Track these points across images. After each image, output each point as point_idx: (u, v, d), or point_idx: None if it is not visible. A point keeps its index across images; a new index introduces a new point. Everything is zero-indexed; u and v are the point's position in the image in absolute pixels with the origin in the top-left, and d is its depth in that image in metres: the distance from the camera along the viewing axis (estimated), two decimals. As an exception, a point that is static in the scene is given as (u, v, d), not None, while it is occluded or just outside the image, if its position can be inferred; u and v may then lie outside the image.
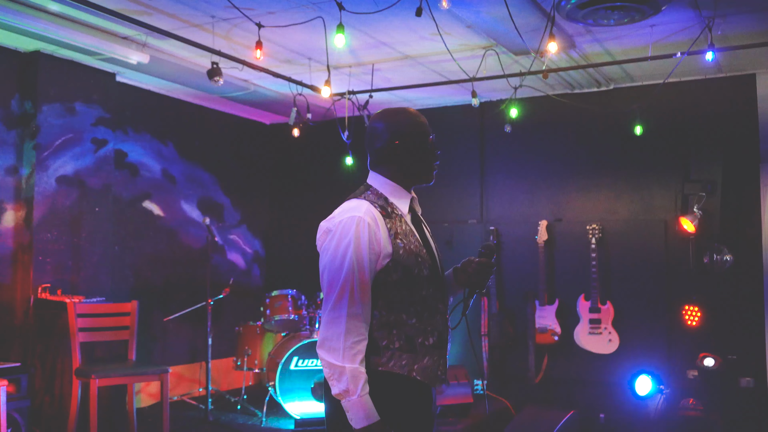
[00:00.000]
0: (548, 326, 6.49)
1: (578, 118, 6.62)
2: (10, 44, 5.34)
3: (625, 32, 5.13)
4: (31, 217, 5.37)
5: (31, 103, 5.43)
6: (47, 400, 5.12)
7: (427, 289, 2.36)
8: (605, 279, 6.40)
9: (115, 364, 5.15)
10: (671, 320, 6.20)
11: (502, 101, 6.58)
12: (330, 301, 2.26)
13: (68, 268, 5.57)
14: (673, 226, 6.19)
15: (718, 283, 6.02)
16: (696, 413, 5.37)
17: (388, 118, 2.46)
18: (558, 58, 5.61)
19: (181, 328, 6.79)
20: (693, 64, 5.68)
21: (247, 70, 5.66)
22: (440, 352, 2.40)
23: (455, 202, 7.22)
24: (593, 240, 6.33)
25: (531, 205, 6.91)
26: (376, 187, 2.44)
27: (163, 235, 6.85)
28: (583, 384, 6.43)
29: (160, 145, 6.85)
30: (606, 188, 6.61)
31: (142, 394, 6.39)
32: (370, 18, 4.70)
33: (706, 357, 5.72)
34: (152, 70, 5.74)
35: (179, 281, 6.94)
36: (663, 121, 6.31)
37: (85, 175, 5.73)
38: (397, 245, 2.31)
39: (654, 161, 6.40)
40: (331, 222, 2.34)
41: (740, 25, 5.00)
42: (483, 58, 5.57)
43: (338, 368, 2.21)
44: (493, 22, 4.80)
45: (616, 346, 6.23)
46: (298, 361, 5.79)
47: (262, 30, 4.81)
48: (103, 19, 4.87)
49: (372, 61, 5.89)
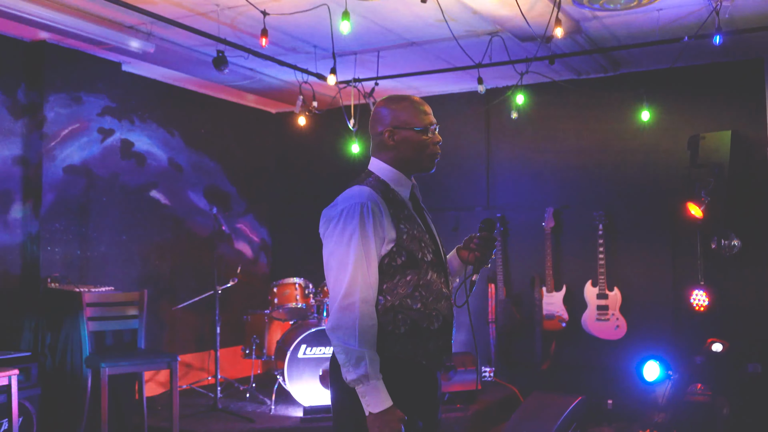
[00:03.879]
0: (555, 312, 6.49)
1: (585, 103, 6.59)
2: (16, 34, 5.35)
3: (631, 16, 5.10)
4: (38, 207, 5.39)
5: (38, 93, 5.44)
6: (58, 389, 5.16)
7: (431, 274, 2.37)
8: (612, 265, 6.39)
9: (124, 353, 5.18)
10: (678, 306, 6.19)
11: (508, 88, 6.55)
12: (341, 289, 2.26)
13: (76, 257, 5.59)
14: (681, 211, 6.16)
15: (726, 268, 6.00)
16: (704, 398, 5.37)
17: (390, 105, 2.47)
18: (564, 44, 5.58)
19: (189, 316, 6.82)
20: (700, 48, 5.64)
21: (252, 58, 5.65)
22: (445, 336, 2.41)
23: (461, 189, 7.22)
24: (600, 226, 6.32)
25: (538, 191, 6.89)
26: (377, 173, 2.45)
27: (170, 224, 6.86)
28: (591, 370, 6.44)
29: (167, 135, 6.85)
30: (613, 174, 6.59)
31: (152, 382, 6.43)
32: (375, 4, 4.69)
33: (714, 342, 5.71)
34: (158, 59, 5.74)
35: (187, 270, 6.96)
36: (670, 105, 6.28)
37: (92, 165, 5.74)
38: (401, 230, 2.32)
39: (661, 146, 6.37)
40: (335, 209, 2.34)
41: (748, 8, 4.96)
42: (489, 44, 5.55)
43: (356, 354, 2.21)
44: (499, 8, 4.77)
45: (623, 332, 6.23)
46: (306, 349, 5.80)
47: (267, 18, 4.80)
48: (108, 8, 4.87)
49: (377, 48, 5.87)
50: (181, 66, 6.01)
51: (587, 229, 6.46)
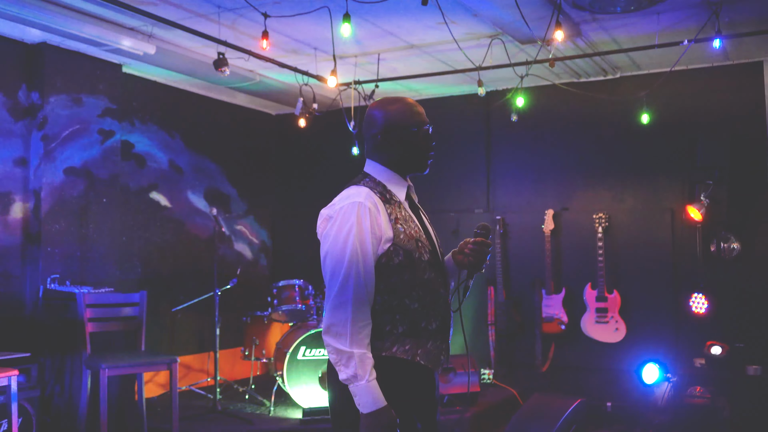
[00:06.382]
0: (555, 315, 6.49)
1: (585, 106, 6.60)
2: (17, 35, 5.35)
3: (631, 20, 5.11)
4: (39, 208, 5.39)
5: (38, 94, 5.44)
6: (57, 390, 5.16)
7: (428, 274, 2.38)
8: (612, 268, 6.40)
9: (124, 354, 5.18)
10: (678, 308, 6.20)
11: (509, 90, 6.56)
12: (334, 287, 2.27)
13: (76, 258, 5.60)
14: (680, 214, 6.17)
15: (726, 271, 6.01)
16: (703, 401, 5.37)
17: (384, 107, 2.48)
18: (564, 47, 5.59)
19: (188, 318, 6.82)
20: (700, 52, 5.65)
21: (253, 60, 5.65)
22: (443, 336, 2.42)
23: (462, 191, 7.22)
24: (600, 229, 6.32)
25: (537, 194, 6.90)
26: (373, 174, 2.46)
27: (171, 226, 6.87)
28: (590, 372, 6.44)
29: (167, 136, 6.86)
30: (612, 177, 6.60)
31: (151, 383, 6.43)
32: (376, 7, 4.70)
33: (713, 345, 5.71)
34: (158, 60, 5.74)
35: (186, 271, 6.96)
36: (670, 109, 6.29)
37: (92, 166, 5.74)
38: (398, 230, 2.33)
39: (661, 149, 6.38)
40: (332, 209, 2.35)
41: (747, 11, 4.97)
42: (489, 47, 5.56)
43: (346, 354, 2.22)
44: (500, 11, 4.78)
45: (623, 334, 6.24)
46: (305, 350, 5.80)
47: (268, 20, 4.81)
48: (109, 10, 4.88)
49: (378, 51, 5.88)
50: (181, 68, 6.02)
51: (587, 232, 6.47)
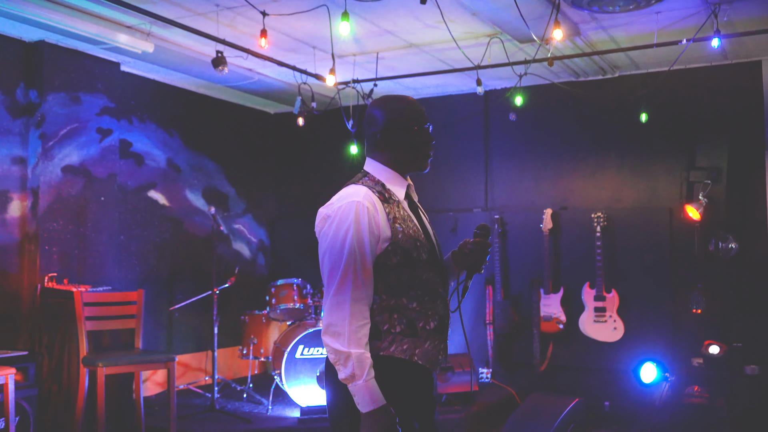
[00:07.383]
0: (553, 314, 6.49)
1: (583, 106, 6.61)
2: (15, 34, 5.34)
3: (630, 19, 5.10)
4: (36, 207, 5.38)
5: (36, 93, 5.44)
6: (55, 389, 5.15)
7: (427, 273, 2.37)
8: (610, 267, 6.40)
9: (121, 352, 5.17)
10: (676, 308, 6.20)
11: (507, 89, 6.56)
12: (332, 286, 2.27)
13: (74, 257, 5.59)
14: (679, 213, 6.17)
15: (724, 270, 6.01)
16: (701, 401, 5.37)
17: (383, 105, 2.48)
18: (563, 46, 5.59)
19: (186, 317, 6.82)
20: (699, 51, 5.65)
21: (251, 59, 5.65)
22: (441, 336, 2.42)
23: (460, 190, 7.22)
24: (598, 228, 6.32)
25: (536, 193, 6.90)
26: (373, 173, 2.46)
27: (169, 224, 6.86)
28: (588, 372, 6.44)
29: (165, 135, 6.85)
30: (611, 176, 6.60)
31: (149, 382, 6.42)
32: (374, 6, 4.69)
33: (711, 344, 5.72)
34: (157, 59, 5.74)
35: (185, 270, 6.96)
36: (668, 108, 6.29)
37: (90, 165, 5.73)
38: (396, 229, 2.33)
39: (659, 149, 6.38)
40: (330, 208, 2.35)
41: (746, 11, 4.97)
42: (488, 46, 5.55)
43: (344, 353, 2.22)
44: (498, 10, 4.78)
45: (621, 334, 6.24)
46: (303, 349, 5.80)
47: (266, 18, 4.81)
48: (107, 8, 4.87)
49: (376, 50, 5.88)
50: (180, 66, 6.01)
51: (585, 231, 6.46)
